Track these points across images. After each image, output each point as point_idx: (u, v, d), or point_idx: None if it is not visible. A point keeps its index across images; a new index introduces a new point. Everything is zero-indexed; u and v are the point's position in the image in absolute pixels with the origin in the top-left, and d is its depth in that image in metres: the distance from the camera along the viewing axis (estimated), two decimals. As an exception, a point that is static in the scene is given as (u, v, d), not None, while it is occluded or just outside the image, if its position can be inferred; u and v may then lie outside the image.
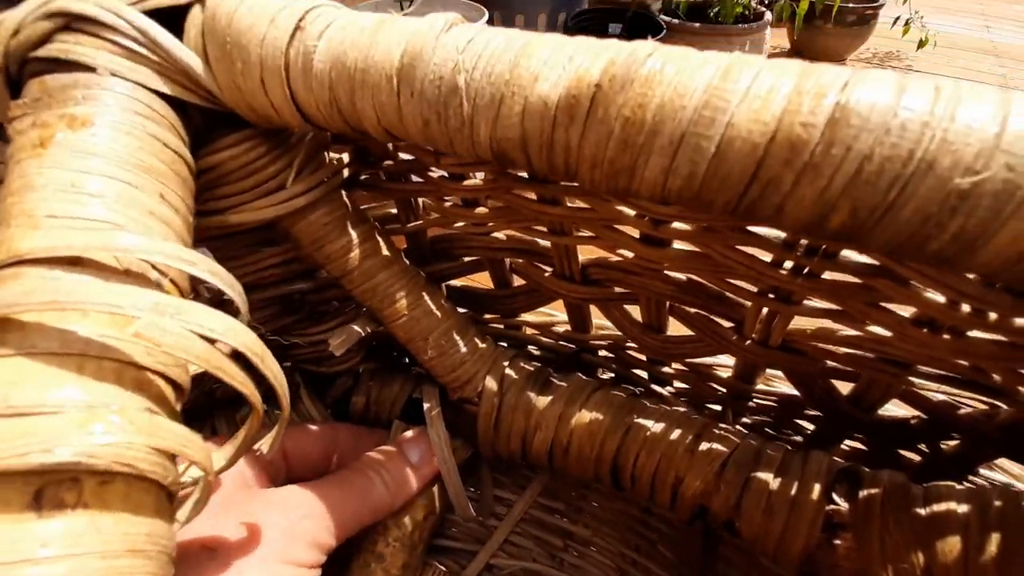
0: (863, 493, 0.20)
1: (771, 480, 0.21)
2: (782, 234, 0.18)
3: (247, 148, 0.22)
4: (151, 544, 0.12)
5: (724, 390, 0.27)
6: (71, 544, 0.11)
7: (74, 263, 0.14)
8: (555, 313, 0.31)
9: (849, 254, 0.18)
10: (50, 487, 0.11)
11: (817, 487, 0.20)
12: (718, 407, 0.29)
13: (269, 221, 0.23)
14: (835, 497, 0.20)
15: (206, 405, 0.31)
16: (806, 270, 0.19)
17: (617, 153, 0.13)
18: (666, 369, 0.28)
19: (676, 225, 0.20)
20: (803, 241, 0.18)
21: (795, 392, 0.25)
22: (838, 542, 0.20)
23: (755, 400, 0.27)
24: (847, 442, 0.26)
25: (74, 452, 0.11)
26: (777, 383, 0.26)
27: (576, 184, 0.19)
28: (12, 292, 0.12)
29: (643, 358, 0.29)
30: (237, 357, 0.15)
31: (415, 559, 0.28)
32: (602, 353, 0.30)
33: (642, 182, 0.14)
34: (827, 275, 0.19)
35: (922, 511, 0.18)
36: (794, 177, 0.12)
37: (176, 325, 0.13)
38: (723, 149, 0.12)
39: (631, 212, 0.20)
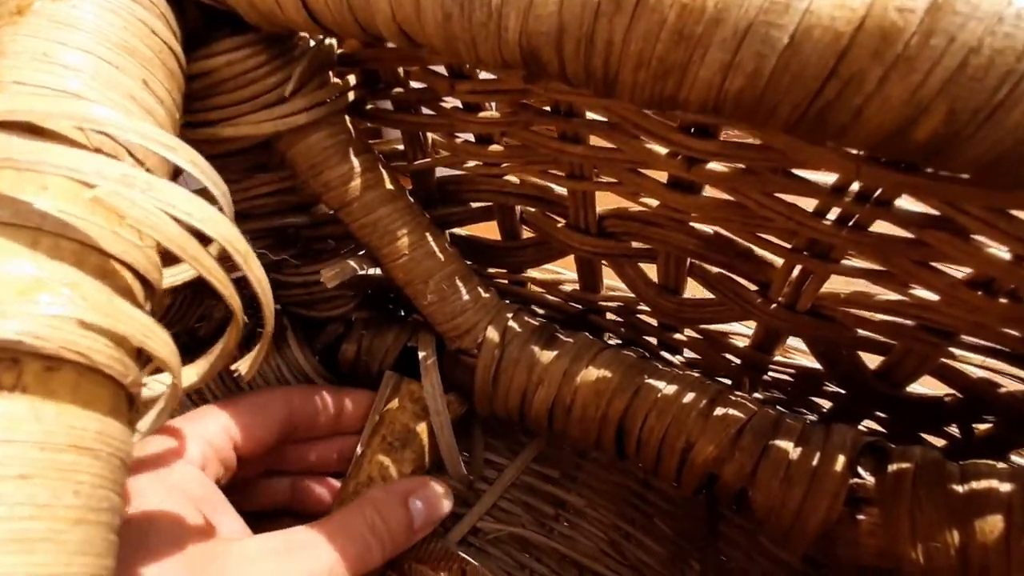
0: (892, 467, 0.18)
1: (791, 449, 0.20)
2: (831, 178, 0.16)
3: (247, 54, 0.20)
4: (101, 443, 0.10)
5: (739, 360, 0.26)
6: (5, 428, 0.09)
7: (36, 132, 0.12)
8: (562, 271, 0.29)
9: (904, 203, 0.16)
10: (-15, 367, 0.10)
11: (841, 458, 0.19)
12: (728, 381, 0.27)
13: (265, 138, 0.21)
14: (860, 471, 0.19)
15: (188, 344, 0.29)
16: (853, 220, 0.17)
17: (668, 48, 0.12)
18: (678, 336, 0.27)
19: (712, 166, 0.18)
20: (855, 186, 0.16)
21: (815, 365, 0.23)
22: (862, 517, 0.18)
23: (770, 373, 0.25)
24: (866, 423, 0.24)
25: (17, 330, 0.10)
26: (796, 355, 0.24)
27: (610, 99, 0.17)
28: (-43, 148, 0.11)
29: (654, 323, 0.27)
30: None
31: None
32: (610, 316, 0.29)
33: (694, 84, 0.12)
34: (875, 228, 0.17)
35: (959, 488, 0.17)
36: (882, 72, 0.10)
37: (147, 201, 0.11)
38: (798, 40, 0.10)
39: (662, 151, 0.19)
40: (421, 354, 0.26)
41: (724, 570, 0.26)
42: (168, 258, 0.14)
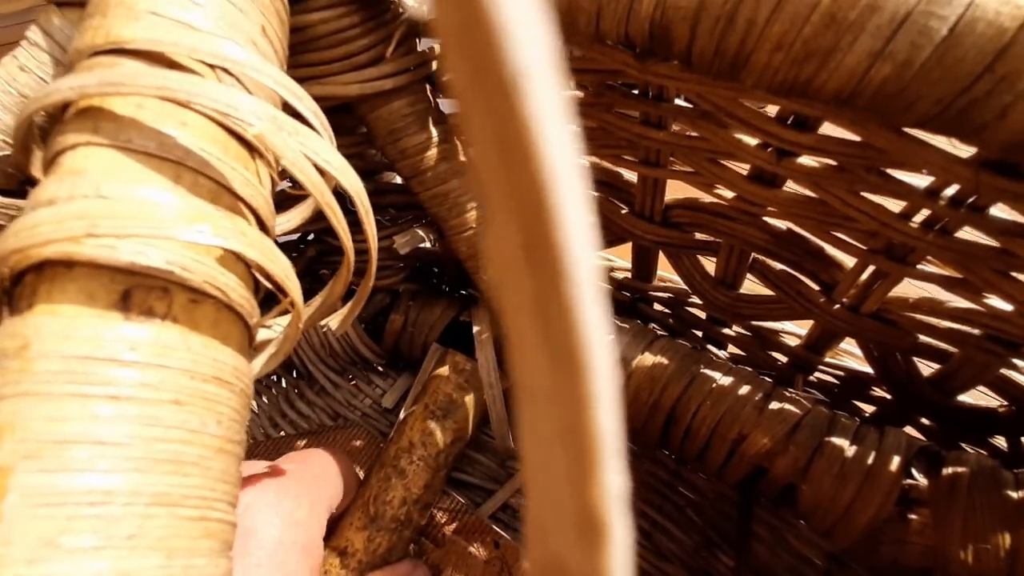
0: (947, 471, 0.19)
1: (846, 447, 0.20)
2: (927, 180, 0.17)
3: (341, 13, 0.20)
4: (235, 378, 0.11)
5: (785, 359, 0.26)
6: (160, 354, 0.09)
7: (178, 67, 0.12)
8: (614, 258, 0.29)
9: (1000, 211, 0.16)
10: (139, 291, 0.10)
11: (896, 459, 0.19)
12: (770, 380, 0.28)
13: (349, 100, 0.21)
14: (914, 473, 0.19)
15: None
16: (940, 224, 0.17)
17: (816, 31, 0.12)
18: (726, 331, 0.27)
19: (802, 161, 0.18)
20: (950, 190, 0.16)
21: (865, 368, 0.24)
22: (913, 517, 0.19)
23: (816, 375, 0.26)
24: (907, 430, 0.25)
25: (168, 260, 0.10)
26: (845, 357, 0.25)
27: (722, 84, 0.17)
28: (115, 73, 0.11)
29: (702, 316, 0.28)
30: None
31: (437, 482, 0.26)
32: (657, 307, 0.29)
33: (835, 72, 0.12)
34: (961, 234, 0.17)
35: (1013, 495, 0.17)
36: (1043, 71, 0.10)
37: (295, 143, 0.11)
38: (959, 32, 0.11)
39: (752, 141, 0.19)
40: (476, 328, 0.26)
41: (757, 564, 0.26)
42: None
